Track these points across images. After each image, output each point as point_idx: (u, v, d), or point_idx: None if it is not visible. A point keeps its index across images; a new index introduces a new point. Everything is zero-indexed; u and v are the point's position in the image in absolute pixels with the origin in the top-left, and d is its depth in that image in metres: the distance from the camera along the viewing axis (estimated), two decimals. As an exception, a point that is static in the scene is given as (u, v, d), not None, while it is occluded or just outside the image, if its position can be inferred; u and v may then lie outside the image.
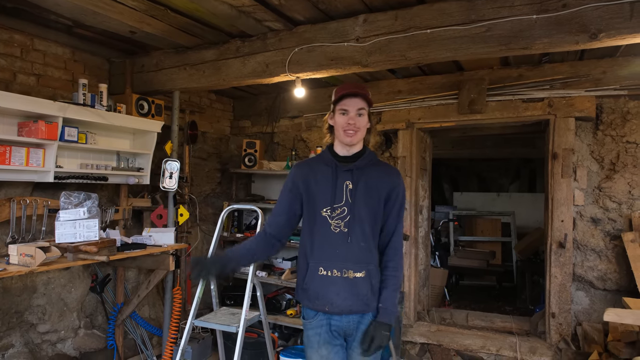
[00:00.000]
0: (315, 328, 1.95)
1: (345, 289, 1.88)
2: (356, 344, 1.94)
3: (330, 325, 1.94)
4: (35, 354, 3.17)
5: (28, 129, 2.80)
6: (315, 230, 1.93)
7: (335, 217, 1.90)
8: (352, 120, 1.88)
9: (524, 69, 3.64)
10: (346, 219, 1.89)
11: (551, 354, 3.40)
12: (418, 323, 4.07)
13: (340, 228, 1.89)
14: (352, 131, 1.88)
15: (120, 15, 2.76)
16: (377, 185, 1.93)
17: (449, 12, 2.52)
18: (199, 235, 4.45)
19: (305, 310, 2.00)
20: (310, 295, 1.93)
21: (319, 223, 1.92)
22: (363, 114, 1.90)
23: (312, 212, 1.95)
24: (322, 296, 1.90)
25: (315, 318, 1.95)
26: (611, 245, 3.40)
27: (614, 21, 2.19)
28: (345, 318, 1.92)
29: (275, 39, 3.04)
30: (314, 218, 1.94)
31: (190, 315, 2.44)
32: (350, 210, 1.89)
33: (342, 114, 1.89)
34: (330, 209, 1.90)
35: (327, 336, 1.94)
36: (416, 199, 4.19)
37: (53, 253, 2.60)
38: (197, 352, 3.82)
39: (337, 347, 1.94)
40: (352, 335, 1.95)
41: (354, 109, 1.88)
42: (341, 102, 1.88)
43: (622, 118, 3.39)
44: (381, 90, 4.16)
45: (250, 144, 4.49)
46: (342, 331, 1.95)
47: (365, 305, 1.91)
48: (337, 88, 1.95)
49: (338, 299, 1.88)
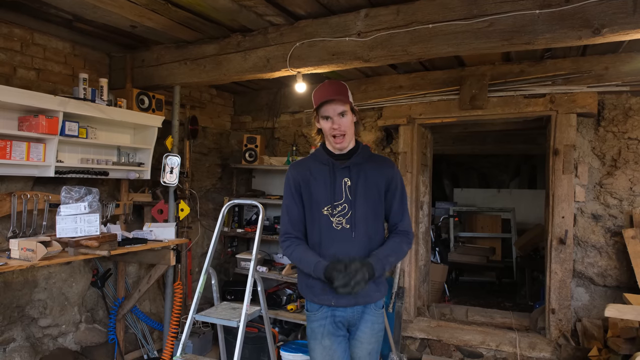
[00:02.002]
0: (319, 320, 1.97)
1: None
2: (360, 334, 1.98)
3: (335, 317, 1.97)
4: (37, 348, 3.18)
5: (29, 124, 2.79)
6: (318, 229, 1.95)
7: (336, 214, 1.92)
8: (335, 124, 1.91)
9: (526, 64, 3.62)
10: (347, 215, 1.91)
11: (551, 349, 3.40)
12: (418, 318, 4.08)
13: (342, 225, 1.92)
14: (340, 136, 1.92)
15: (120, 10, 2.75)
16: (375, 178, 1.95)
17: (451, 7, 2.50)
18: (199, 230, 4.45)
19: (309, 303, 2.02)
20: (315, 291, 1.95)
21: (321, 221, 1.94)
22: (346, 114, 1.92)
23: (314, 211, 1.96)
24: (328, 292, 1.91)
25: (320, 310, 1.98)
26: (612, 242, 3.40)
27: (617, 16, 2.17)
28: (349, 309, 1.96)
29: (276, 34, 3.03)
30: (315, 217, 1.96)
31: (192, 309, 2.45)
32: (351, 207, 1.91)
33: (325, 120, 1.93)
34: (331, 207, 1.93)
35: (332, 327, 1.97)
36: (417, 195, 4.19)
37: (54, 247, 2.61)
38: (198, 346, 3.84)
39: (340, 338, 1.98)
40: (355, 325, 1.99)
41: (334, 113, 1.90)
42: (321, 109, 1.91)
43: (624, 114, 3.38)
44: (382, 86, 4.15)
45: (251, 139, 4.49)
46: (346, 322, 1.99)
47: (368, 297, 1.94)
48: (315, 92, 1.96)
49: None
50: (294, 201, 2.01)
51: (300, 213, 2.01)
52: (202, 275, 2.53)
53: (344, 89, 1.93)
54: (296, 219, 2.01)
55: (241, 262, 4.43)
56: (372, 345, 2.02)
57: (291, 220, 2.01)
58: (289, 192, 2.03)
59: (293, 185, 2.02)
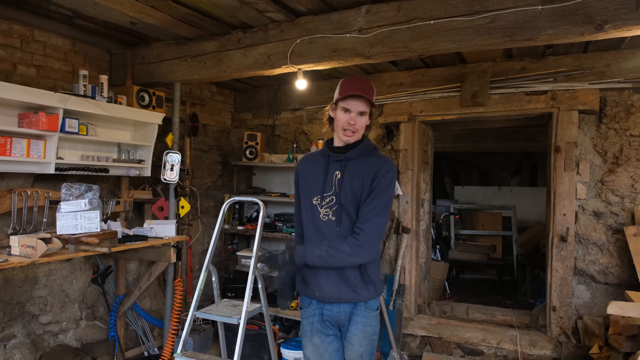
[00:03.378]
0: (308, 317, 2.01)
1: (334, 275, 1.92)
2: (349, 336, 1.98)
3: (323, 315, 1.99)
4: (37, 345, 3.18)
5: (29, 120, 2.79)
6: (307, 219, 2.00)
7: (324, 205, 1.94)
8: (352, 120, 1.89)
9: (527, 61, 3.61)
10: (334, 207, 1.93)
11: (551, 347, 3.40)
12: (419, 316, 4.08)
13: (328, 217, 1.93)
14: (350, 131, 1.91)
15: (120, 6, 2.74)
16: (362, 174, 1.92)
17: (452, 3, 2.49)
18: (200, 227, 4.45)
19: (302, 300, 2.06)
20: (306, 280, 2.00)
21: (310, 211, 1.98)
22: (364, 115, 1.92)
23: (305, 200, 2.02)
24: (313, 283, 1.95)
25: (309, 307, 2.01)
26: (613, 239, 3.39)
27: (619, 12, 2.16)
28: (336, 308, 1.96)
29: (276, 30, 3.02)
30: (306, 206, 2.00)
31: (192, 306, 2.44)
32: (337, 200, 1.93)
33: (344, 112, 1.90)
34: (320, 198, 1.96)
35: (320, 325, 1.99)
36: (418, 192, 4.18)
37: (54, 244, 2.60)
38: (199, 343, 3.84)
39: (330, 337, 1.99)
40: (344, 326, 1.99)
41: (356, 110, 1.89)
42: (345, 100, 1.89)
43: (625, 111, 3.37)
44: (383, 83, 4.13)
45: (252, 136, 4.48)
46: (334, 321, 1.99)
47: (353, 292, 1.92)
48: (344, 82, 1.93)
49: (327, 284, 1.93)
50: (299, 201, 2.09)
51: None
52: (202, 273, 2.52)
53: (372, 91, 1.92)
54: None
55: (242, 259, 4.43)
56: (364, 348, 1.98)
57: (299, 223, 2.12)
58: (296, 191, 2.12)
59: (295, 180, 2.11)
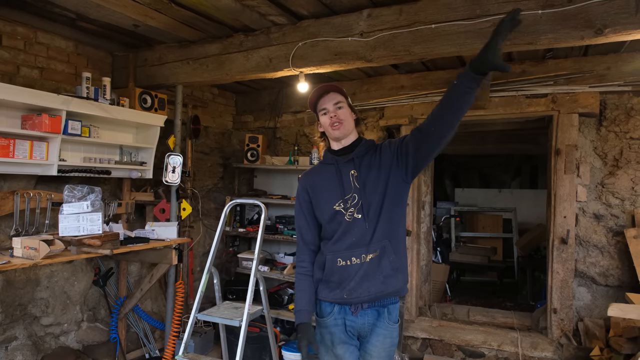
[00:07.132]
0: (329, 327, 1.94)
1: (362, 272, 1.86)
2: (370, 347, 1.94)
3: (346, 325, 1.93)
4: (39, 347, 3.19)
5: (32, 122, 2.80)
6: (332, 227, 1.93)
7: (349, 207, 1.90)
8: (333, 113, 1.94)
9: (528, 64, 3.62)
10: (358, 205, 1.89)
11: (552, 349, 3.41)
12: (420, 318, 4.08)
13: (354, 215, 1.89)
14: (337, 124, 1.93)
15: (123, 9, 2.75)
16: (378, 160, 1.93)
17: (453, 7, 2.51)
18: (201, 229, 4.46)
19: (320, 308, 1.98)
20: (331, 285, 1.93)
21: (334, 219, 1.92)
22: (342, 107, 1.94)
23: (324, 211, 1.95)
24: (342, 286, 1.89)
25: (330, 316, 1.94)
26: (614, 242, 3.40)
27: (619, 16, 2.18)
28: (360, 319, 1.92)
29: (279, 34, 3.03)
30: (328, 216, 1.94)
31: (194, 308, 2.45)
32: (360, 196, 1.90)
33: (324, 114, 1.96)
34: (343, 202, 1.91)
35: (344, 336, 1.93)
36: (418, 195, 4.19)
37: (57, 246, 2.61)
38: (200, 345, 3.84)
39: (352, 347, 1.94)
40: (366, 337, 1.95)
41: (330, 104, 1.94)
42: (318, 103, 1.96)
43: (625, 114, 3.39)
44: (384, 86, 4.15)
45: (253, 138, 4.49)
46: (356, 332, 1.94)
47: (382, 284, 1.87)
48: (310, 96, 1.99)
49: (355, 284, 1.86)
50: (305, 218, 2.02)
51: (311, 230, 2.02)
52: (204, 275, 2.54)
53: (338, 86, 1.97)
54: (309, 240, 2.02)
55: (243, 261, 4.44)
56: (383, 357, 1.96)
57: (304, 241, 2.04)
58: (298, 209, 2.04)
59: (302, 197, 2.02)
